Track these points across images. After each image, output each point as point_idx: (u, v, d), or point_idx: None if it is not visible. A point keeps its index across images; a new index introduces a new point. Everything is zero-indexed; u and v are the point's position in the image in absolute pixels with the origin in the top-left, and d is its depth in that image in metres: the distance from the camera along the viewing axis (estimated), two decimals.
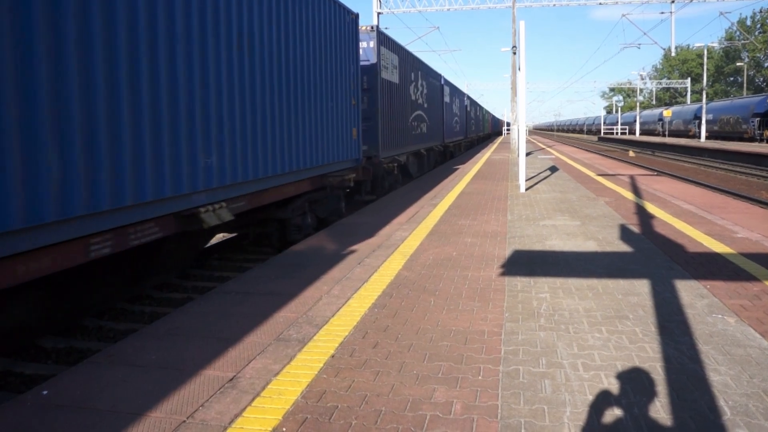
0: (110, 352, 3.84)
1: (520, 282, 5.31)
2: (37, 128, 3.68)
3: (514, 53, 24.99)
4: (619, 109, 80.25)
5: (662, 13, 32.93)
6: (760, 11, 77.16)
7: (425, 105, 20.23)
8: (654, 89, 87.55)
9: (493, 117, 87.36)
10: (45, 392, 3.25)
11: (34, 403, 3.14)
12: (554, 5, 31.63)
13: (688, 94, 67.69)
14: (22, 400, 3.18)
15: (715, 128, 46.89)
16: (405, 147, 16.33)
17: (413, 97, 17.84)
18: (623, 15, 36.65)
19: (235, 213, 6.29)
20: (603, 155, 32.34)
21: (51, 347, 5.39)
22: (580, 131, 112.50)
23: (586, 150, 39.60)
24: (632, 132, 69.78)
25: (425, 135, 20.07)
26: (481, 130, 56.92)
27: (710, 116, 47.26)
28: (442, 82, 25.04)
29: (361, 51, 12.13)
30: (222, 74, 5.92)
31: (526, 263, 6.04)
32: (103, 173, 4.26)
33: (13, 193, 3.54)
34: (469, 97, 41.65)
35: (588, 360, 3.54)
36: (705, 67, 52.21)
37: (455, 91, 31.58)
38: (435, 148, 23.21)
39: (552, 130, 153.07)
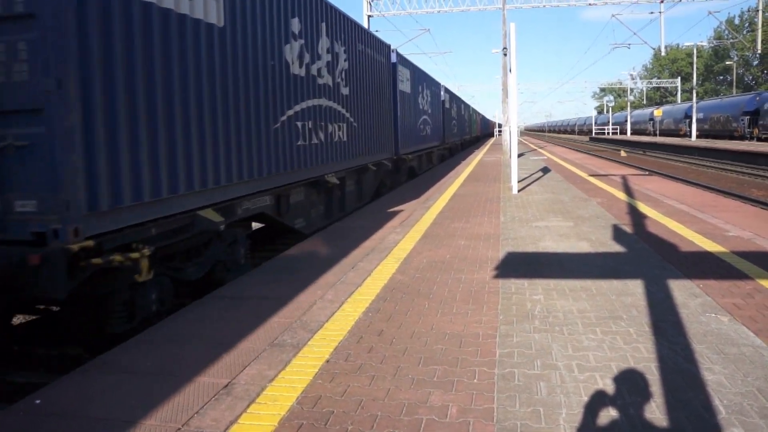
0: (104, 360, 3.82)
1: (514, 284, 5.32)
2: None
3: (505, 55, 25.04)
4: (610, 109, 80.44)
5: (651, 13, 33.13)
6: (748, 10, 77.79)
7: (344, 91, 10.92)
8: (644, 89, 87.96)
9: (484, 118, 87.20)
10: (38, 401, 3.23)
11: (27, 412, 3.12)
12: (544, 6, 31.75)
13: (679, 93, 68.05)
14: (14, 409, 3.16)
15: (706, 127, 47.15)
16: (268, 180, 7.55)
17: (300, 71, 8.57)
18: (613, 15, 36.85)
19: None
20: (594, 155, 32.47)
21: (43, 354, 5.36)
22: (572, 132, 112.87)
23: (578, 150, 39.75)
24: (623, 132, 70.06)
25: (344, 147, 10.87)
26: (468, 132, 48.08)
27: (700, 115, 47.51)
28: (394, 59, 15.94)
29: None
30: None
31: (520, 265, 6.05)
32: None
33: None
34: (447, 90, 30.70)
35: (583, 361, 3.55)
36: (695, 66, 52.54)
37: (421, 78, 21.02)
38: (375, 166, 13.70)
39: (543, 131, 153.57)
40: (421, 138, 20.74)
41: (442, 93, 27.57)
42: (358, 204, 12.50)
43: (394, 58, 15.99)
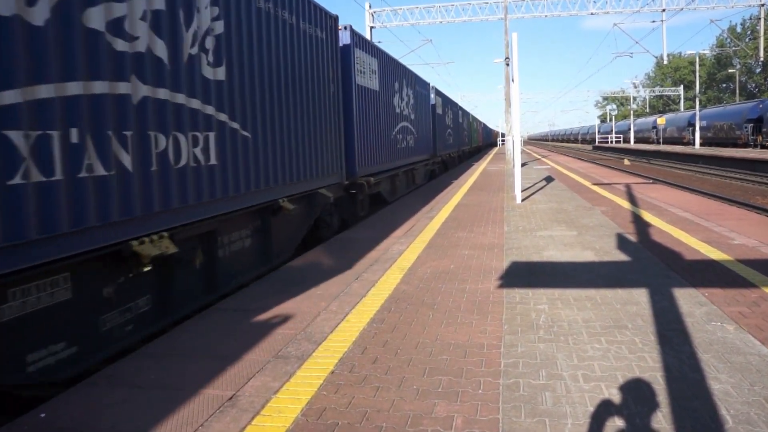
0: (109, 373, 3.82)
1: (518, 294, 5.31)
2: None
3: (507, 65, 25.08)
4: (613, 117, 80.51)
5: (653, 21, 33.25)
6: (750, 18, 77.96)
7: (212, 73, 5.96)
8: (647, 97, 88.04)
9: (486, 126, 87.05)
10: (43, 415, 3.23)
11: (32, 426, 3.12)
12: (546, 16, 31.89)
13: (681, 101, 68.04)
14: (19, 423, 3.16)
15: (709, 135, 47.13)
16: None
17: (16, 8, 3.71)
18: (615, 24, 36.96)
19: None
20: (598, 164, 32.46)
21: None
22: (575, 141, 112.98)
23: (581, 159, 39.74)
24: (627, 140, 70.09)
25: (212, 176, 5.91)
26: (467, 142, 43.47)
27: (704, 123, 47.51)
28: (346, 40, 11.10)
29: None
30: None
31: (524, 275, 6.04)
32: None
33: None
34: (439, 93, 25.91)
35: (588, 371, 3.53)
36: (697, 75, 52.53)
37: (399, 73, 16.18)
38: (297, 202, 8.35)
39: (547, 140, 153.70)
40: (399, 151, 15.86)
41: (432, 95, 23.20)
42: (261, 269, 7.32)
43: (346, 39, 10.97)
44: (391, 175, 15.08)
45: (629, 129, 69.13)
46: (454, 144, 32.46)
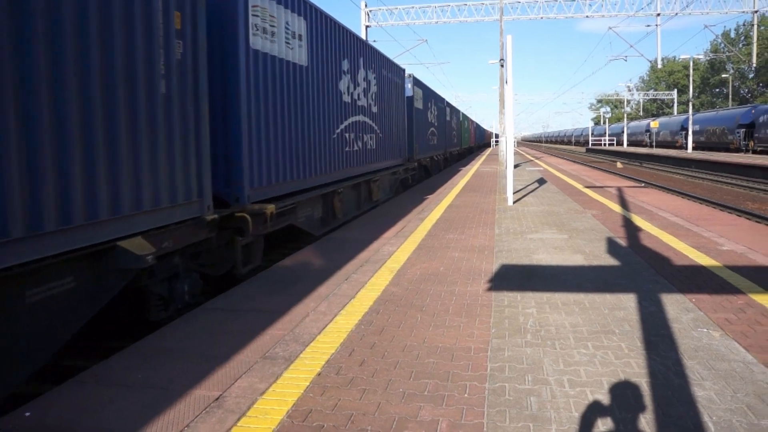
0: (96, 372, 3.81)
1: (507, 297, 5.32)
2: None
3: (502, 66, 25.12)
4: (607, 120, 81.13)
5: (648, 25, 33.35)
6: (744, 24, 78.48)
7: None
8: (641, 101, 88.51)
9: (479, 126, 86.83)
10: (28, 414, 3.22)
11: (16, 425, 3.10)
12: (541, 18, 31.94)
13: (675, 105, 68.42)
14: (3, 422, 3.15)
15: (702, 139, 47.38)
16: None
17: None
18: (610, 28, 37.04)
19: None
20: (591, 167, 32.55)
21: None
22: (569, 142, 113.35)
23: (574, 161, 39.86)
24: (620, 143, 70.38)
25: None
26: (456, 143, 40.00)
27: (697, 127, 47.76)
28: None
29: None
30: None
31: (513, 278, 6.05)
32: None
33: None
34: (420, 83, 21.17)
35: (574, 376, 3.55)
36: (691, 79, 52.73)
37: (351, 48, 11.74)
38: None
39: (540, 142, 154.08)
40: (348, 156, 11.44)
41: (408, 85, 18.79)
42: None
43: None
44: (327, 192, 10.21)
45: (622, 132, 69.43)
46: (440, 145, 28.02)
